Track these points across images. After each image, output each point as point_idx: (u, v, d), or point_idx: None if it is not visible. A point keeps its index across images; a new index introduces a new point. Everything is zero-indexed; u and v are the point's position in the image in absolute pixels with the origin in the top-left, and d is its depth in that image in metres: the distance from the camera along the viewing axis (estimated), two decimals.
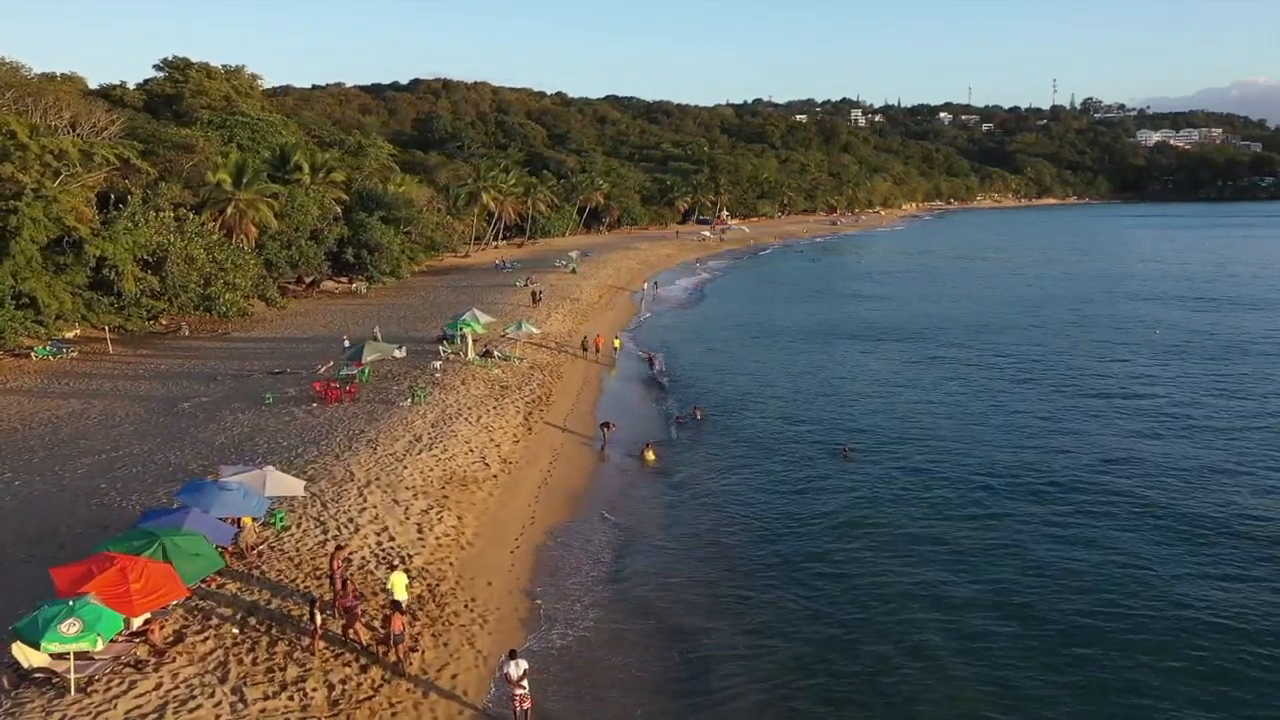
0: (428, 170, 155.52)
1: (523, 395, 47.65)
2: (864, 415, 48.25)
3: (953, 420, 46.99)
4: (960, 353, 65.77)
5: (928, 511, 33.99)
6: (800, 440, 43.62)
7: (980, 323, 79.50)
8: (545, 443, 41.25)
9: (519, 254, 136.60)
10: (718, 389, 54.71)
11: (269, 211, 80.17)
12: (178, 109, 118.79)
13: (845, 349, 68.10)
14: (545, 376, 53.26)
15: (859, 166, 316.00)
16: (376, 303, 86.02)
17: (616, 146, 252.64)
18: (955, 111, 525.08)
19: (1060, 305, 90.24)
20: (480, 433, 39.54)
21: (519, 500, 33.70)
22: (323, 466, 32.99)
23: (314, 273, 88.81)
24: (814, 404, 50.87)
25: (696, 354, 66.82)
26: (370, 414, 41.10)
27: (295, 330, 70.12)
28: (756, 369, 60.78)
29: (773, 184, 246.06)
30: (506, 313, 74.37)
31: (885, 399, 52.05)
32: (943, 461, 39.83)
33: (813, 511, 33.99)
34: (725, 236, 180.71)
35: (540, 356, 58.80)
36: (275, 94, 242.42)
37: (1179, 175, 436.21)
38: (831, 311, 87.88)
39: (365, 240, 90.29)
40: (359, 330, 67.79)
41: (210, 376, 51.66)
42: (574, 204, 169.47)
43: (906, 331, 75.47)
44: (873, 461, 40.06)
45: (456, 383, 47.88)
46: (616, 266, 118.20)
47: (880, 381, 56.78)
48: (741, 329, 77.89)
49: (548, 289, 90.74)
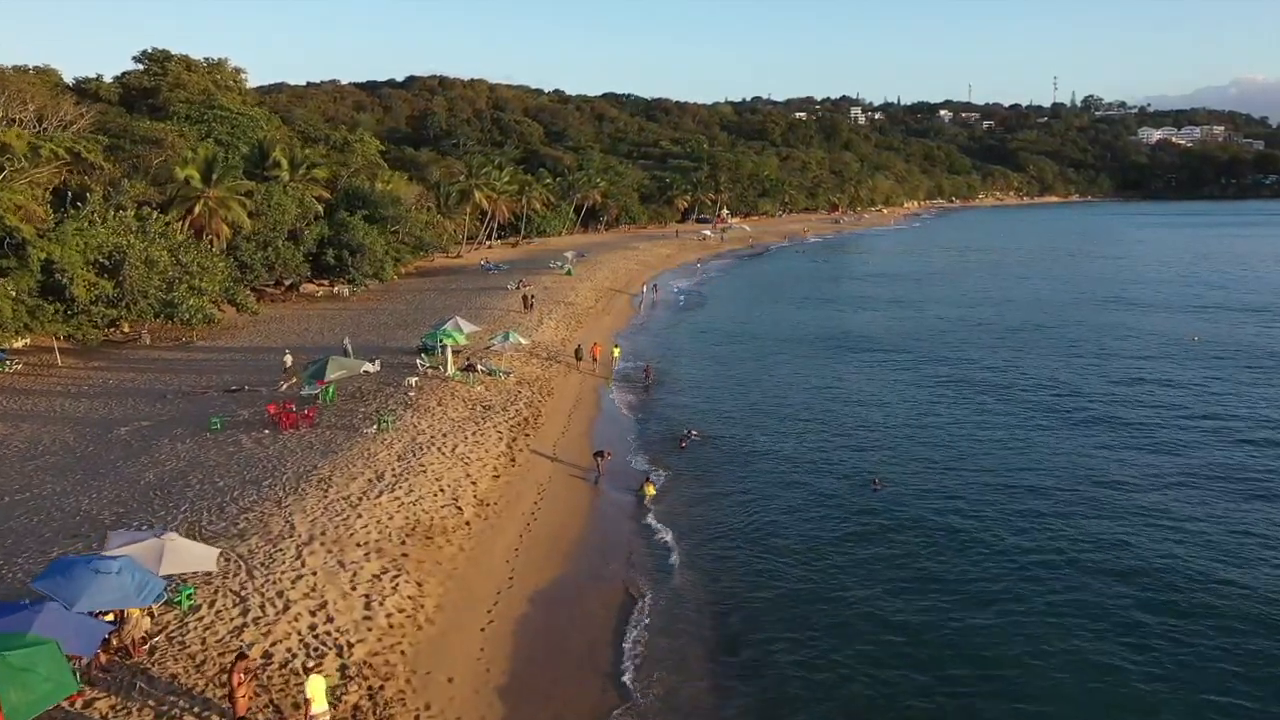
0: (419, 167, 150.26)
1: (507, 417, 42.17)
2: (886, 436, 42.80)
3: (990, 443, 41.55)
4: (984, 363, 60.33)
5: (990, 557, 28.61)
6: (819, 467, 38.22)
7: (1004, 328, 73.91)
8: (531, 476, 35.80)
9: (513, 254, 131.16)
10: (723, 405, 49.29)
11: (241, 210, 74.74)
12: (154, 103, 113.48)
13: (858, 360, 62.59)
14: (534, 393, 47.79)
15: (860, 164, 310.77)
16: (358, 307, 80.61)
17: (615, 144, 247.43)
18: (956, 109, 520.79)
19: (1087, 308, 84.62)
20: (455, 466, 34.08)
21: (496, 554, 28.22)
22: (258, 517, 27.44)
23: (292, 275, 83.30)
24: (830, 422, 45.43)
25: (699, 364, 61.41)
26: (328, 443, 35.65)
27: (266, 339, 64.68)
28: (765, 382, 55.37)
29: (774, 182, 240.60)
30: (495, 319, 68.99)
31: (909, 417, 46.54)
32: (990, 495, 34.41)
33: (853, 559, 28.65)
34: (726, 236, 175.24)
35: (529, 369, 53.34)
36: (269, 91, 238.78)
37: (1182, 173, 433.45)
38: (841, 317, 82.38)
39: (347, 241, 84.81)
40: (332, 340, 62.41)
41: (160, 394, 46.19)
42: (571, 202, 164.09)
43: (924, 340, 70.02)
44: (910, 494, 34.65)
45: (432, 403, 42.40)
46: (614, 268, 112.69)
47: (901, 397, 51.27)
48: (747, 337, 72.45)
49: (541, 292, 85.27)
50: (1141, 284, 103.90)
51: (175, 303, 61.52)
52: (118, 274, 59.15)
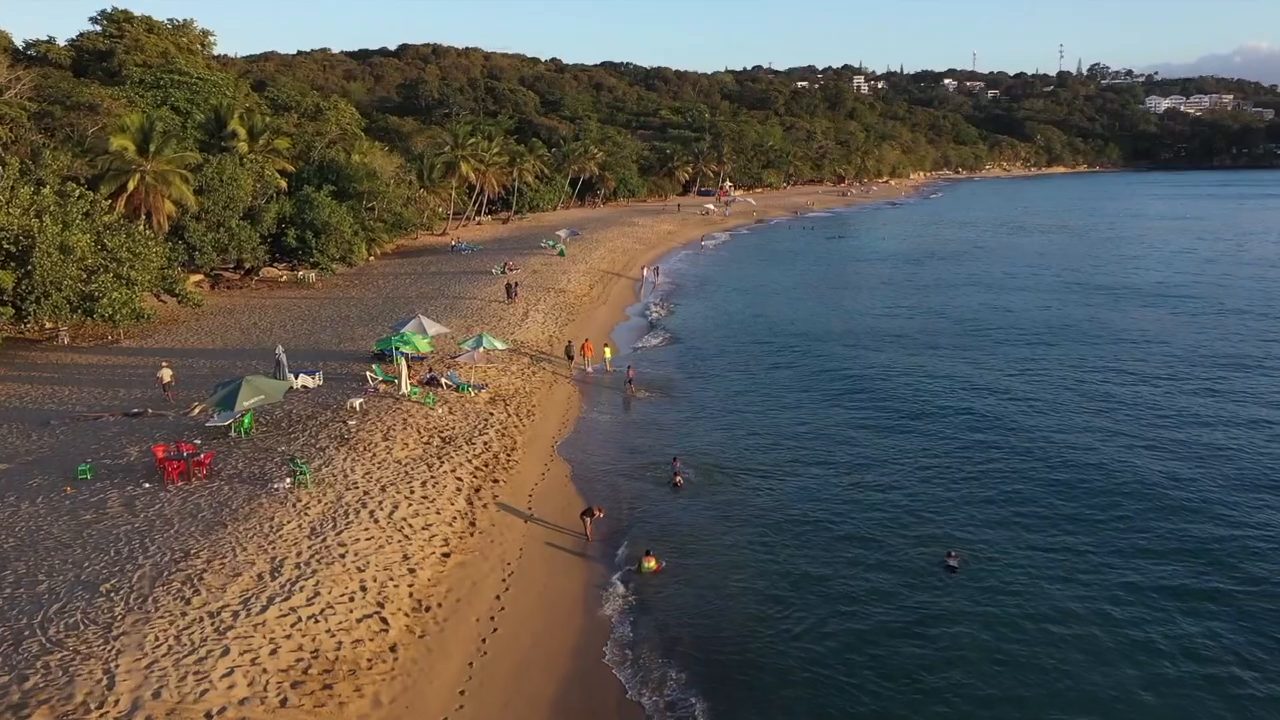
0: (403, 137, 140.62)
1: (472, 454, 33.11)
2: (950, 483, 33.79)
3: (1081, 480, 32.62)
4: (1048, 360, 51.31)
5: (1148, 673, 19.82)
6: (869, 525, 29.26)
7: (1060, 322, 64.62)
8: (495, 549, 26.78)
9: (503, 232, 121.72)
10: (737, 430, 40.25)
11: (185, 186, 65.32)
12: (109, 67, 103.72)
13: (895, 361, 53.50)
14: (510, 415, 38.68)
15: (866, 134, 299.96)
16: (322, 295, 71.46)
17: (613, 113, 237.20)
18: (960, 78, 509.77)
19: (1148, 294, 75.34)
20: (390, 542, 25.06)
21: (432, 702, 19.27)
22: (65, 663, 18.31)
23: (250, 259, 73.91)
24: (876, 456, 36.39)
25: (708, 368, 52.33)
26: (221, 507, 26.60)
27: (206, 337, 55.59)
28: (786, 396, 46.27)
29: (778, 152, 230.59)
30: (472, 313, 59.81)
31: (975, 447, 37.56)
32: (1113, 578, 25.53)
33: (947, 682, 19.87)
34: (730, 210, 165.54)
35: (507, 381, 44.19)
36: (257, 59, 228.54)
37: (1192, 143, 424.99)
38: (867, 307, 72.97)
39: (310, 220, 75.32)
40: (281, 339, 53.33)
41: (43, 420, 37.09)
42: (566, 175, 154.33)
43: (969, 334, 60.89)
44: (999, 571, 25.73)
45: (376, 436, 33.28)
46: (611, 247, 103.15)
47: (960, 418, 42.18)
48: (761, 333, 63.27)
49: (529, 277, 76.04)
50: (1207, 258, 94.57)
51: (96, 296, 52.25)
52: (26, 262, 50.02)
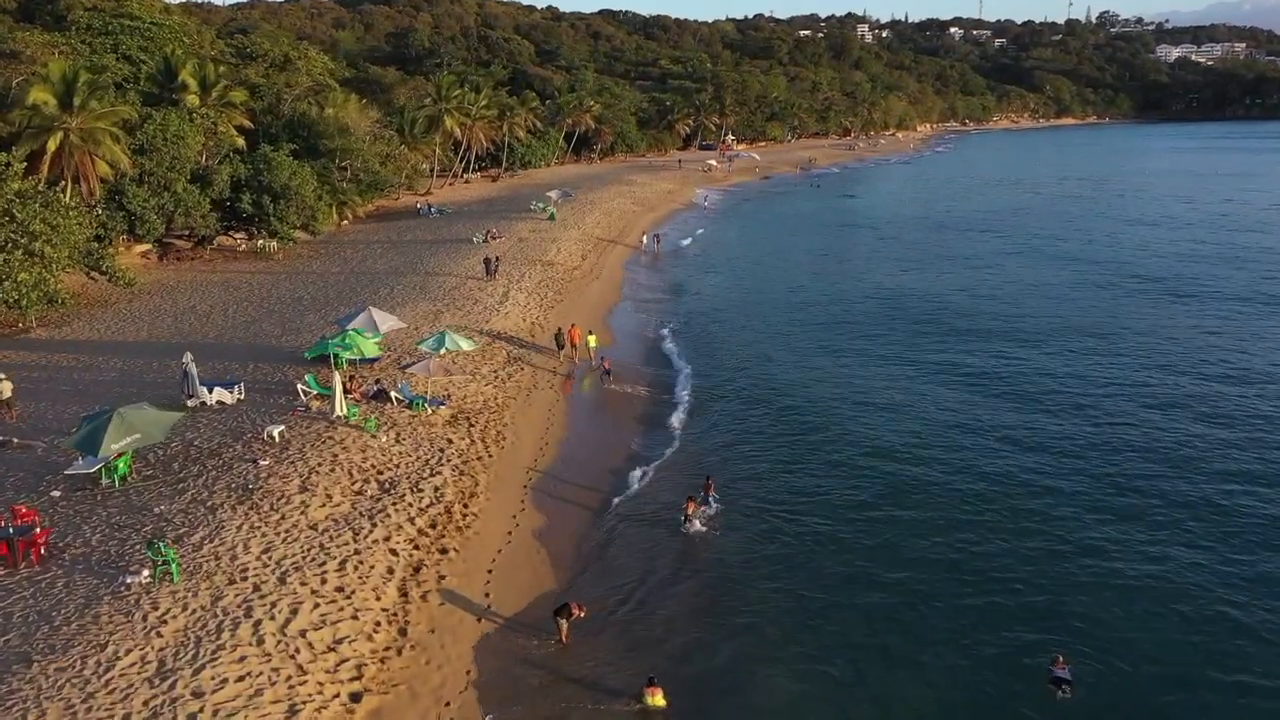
0: (385, 89, 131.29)
1: (418, 507, 25.32)
2: (1041, 536, 26.20)
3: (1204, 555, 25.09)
4: (1145, 370, 43.52)
5: None
6: (929, 616, 21.75)
7: (1149, 322, 56.65)
8: (430, 678, 18.96)
9: (492, 191, 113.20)
10: (764, 448, 32.60)
11: (116, 145, 57.01)
12: (56, 10, 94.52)
13: (945, 358, 45.63)
14: (474, 442, 30.85)
15: (872, 85, 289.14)
16: (281, 268, 63.43)
17: (610, 63, 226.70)
18: (966, 26, 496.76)
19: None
20: (276, 683, 17.31)
21: None
22: None
23: (200, 226, 65.58)
24: (937, 488, 28.84)
25: (719, 361, 44.50)
26: (41, 622, 18.90)
27: (132, 327, 47.57)
28: (816, 396, 38.54)
29: (783, 104, 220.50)
30: (442, 296, 51.78)
31: (1060, 490, 29.96)
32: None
33: None
34: (733, 165, 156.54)
35: (475, 389, 36.28)
36: (242, 7, 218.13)
37: (1205, 93, 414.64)
38: (898, 286, 64.72)
39: (267, 183, 66.84)
40: (222, 327, 45.45)
41: None
42: (560, 128, 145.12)
43: (1029, 322, 52.88)
44: (1126, 683, 18.30)
45: (292, 485, 25.41)
46: (607, 209, 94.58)
47: (1036, 443, 34.51)
48: (779, 315, 55.38)
49: (514, 247, 67.91)
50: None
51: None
52: None
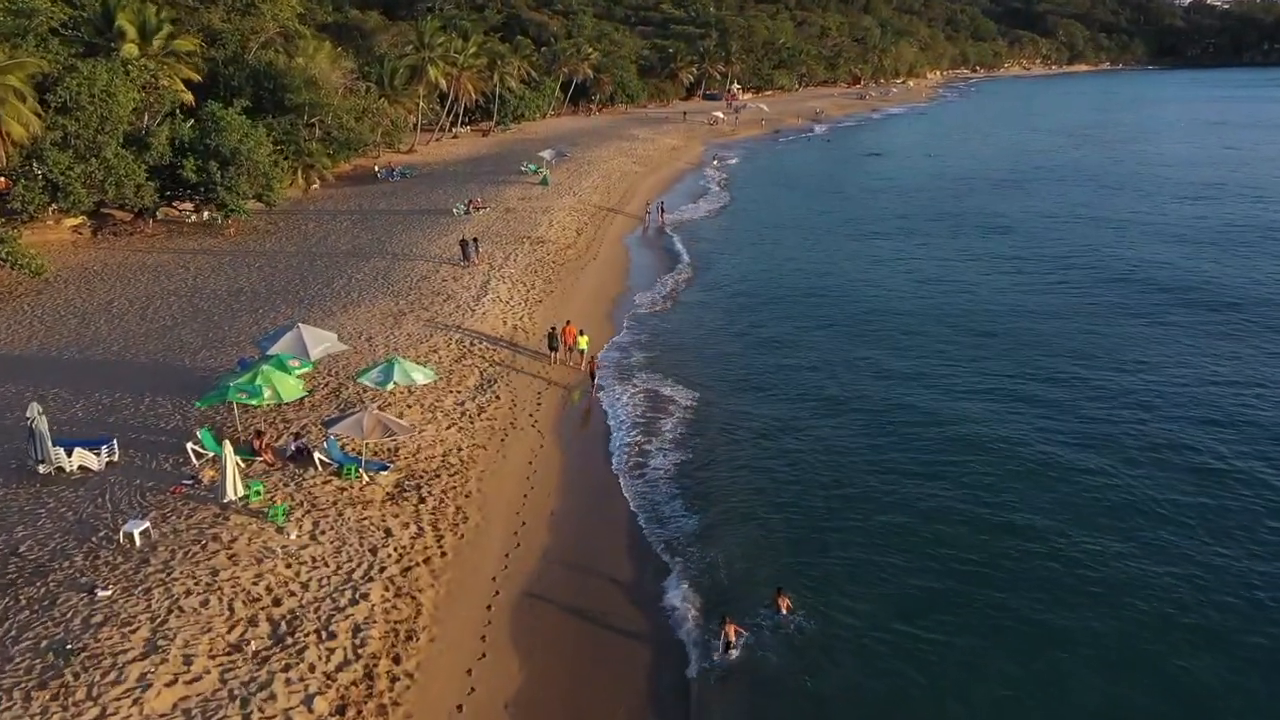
0: (365, 35, 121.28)
1: (330, 665, 16.91)
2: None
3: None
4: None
5: None
6: None
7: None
8: None
9: (482, 147, 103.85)
10: (790, 506, 24.29)
11: (21, 104, 47.89)
12: None
13: (1039, 397, 37.17)
14: (425, 529, 22.39)
15: (882, 30, 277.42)
16: (229, 247, 54.80)
17: (609, 8, 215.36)
18: None
19: None
20: None
21: None
22: None
23: (135, 197, 56.41)
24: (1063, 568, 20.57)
25: (736, 382, 35.98)
26: None
27: (26, 331, 39.00)
28: (865, 435, 30.08)
29: (790, 51, 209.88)
30: (408, 289, 43.11)
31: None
32: None
33: None
34: (739, 117, 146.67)
35: (432, 434, 27.71)
36: None
37: (1221, 38, 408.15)
38: (945, 271, 56.08)
39: (215, 146, 57.67)
40: (131, 333, 36.84)
41: None
42: (556, 78, 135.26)
43: (1137, 312, 44.40)
44: None
45: (138, 635, 16.79)
46: (605, 171, 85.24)
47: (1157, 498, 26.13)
48: (798, 310, 46.82)
49: (499, 220, 59.09)
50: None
51: None
52: None
